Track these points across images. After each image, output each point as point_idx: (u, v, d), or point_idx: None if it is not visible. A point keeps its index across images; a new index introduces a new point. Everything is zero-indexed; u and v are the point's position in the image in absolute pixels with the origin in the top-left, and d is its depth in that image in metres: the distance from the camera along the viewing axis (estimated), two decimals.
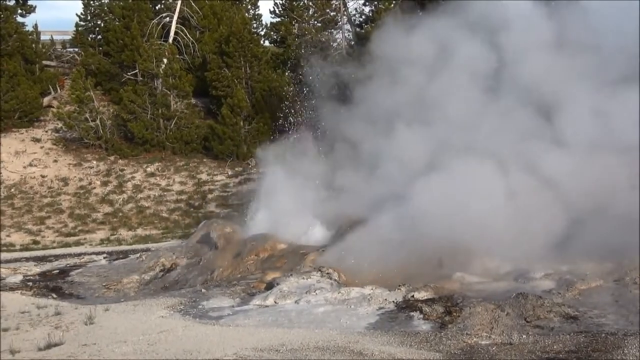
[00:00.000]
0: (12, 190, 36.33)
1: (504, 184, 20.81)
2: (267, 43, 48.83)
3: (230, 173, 38.58)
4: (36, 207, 34.99)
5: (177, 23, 46.08)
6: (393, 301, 17.87)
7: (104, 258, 27.73)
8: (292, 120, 29.71)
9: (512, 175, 21.02)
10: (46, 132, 41.96)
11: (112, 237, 32.07)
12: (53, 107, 43.03)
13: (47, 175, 37.89)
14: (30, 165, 38.46)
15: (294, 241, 23.23)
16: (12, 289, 21.95)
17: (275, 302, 18.54)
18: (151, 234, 32.34)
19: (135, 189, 37.35)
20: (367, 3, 45.25)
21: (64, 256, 28.33)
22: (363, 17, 46.30)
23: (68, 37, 51.22)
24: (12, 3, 46.00)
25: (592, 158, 20.36)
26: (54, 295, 21.64)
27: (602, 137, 20.62)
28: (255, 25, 49.17)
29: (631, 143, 19.80)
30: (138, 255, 26.84)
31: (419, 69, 25.36)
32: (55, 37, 51.39)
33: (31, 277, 24.41)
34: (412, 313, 17.04)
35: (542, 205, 20.29)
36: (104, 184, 37.62)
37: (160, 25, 45.64)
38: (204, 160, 40.63)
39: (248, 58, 41.47)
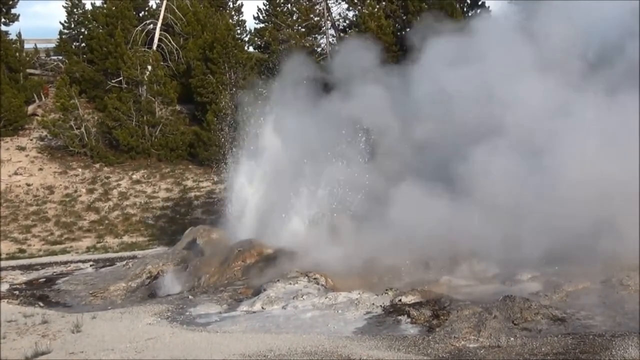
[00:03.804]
0: None
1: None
2: (251, 49, 48.75)
3: (216, 179, 38.53)
4: (22, 215, 34.85)
5: (160, 30, 46.01)
6: (380, 305, 17.90)
7: (91, 266, 27.61)
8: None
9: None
10: (31, 140, 41.81)
11: (98, 245, 31.96)
12: (38, 115, 42.88)
13: (32, 184, 37.77)
14: (16, 173, 38.32)
15: (280, 246, 23.22)
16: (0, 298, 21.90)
17: (262, 308, 18.54)
18: (137, 241, 32.25)
19: (121, 196, 37.27)
20: (350, 8, 45.36)
21: (50, 264, 28.18)
22: (347, 22, 46.43)
23: (52, 45, 51.04)
24: None
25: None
26: (41, 304, 21.54)
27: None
28: (239, 31, 49.13)
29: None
30: (124, 262, 26.76)
31: None
32: (39, 46, 51.17)
33: (17, 286, 24.30)
34: (399, 317, 17.08)
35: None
36: (90, 191, 37.52)
37: (144, 33, 45.55)
38: (190, 166, 40.61)
39: (232, 64, 41.45)
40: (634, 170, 18.97)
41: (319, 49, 45.57)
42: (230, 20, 47.93)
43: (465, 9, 41.15)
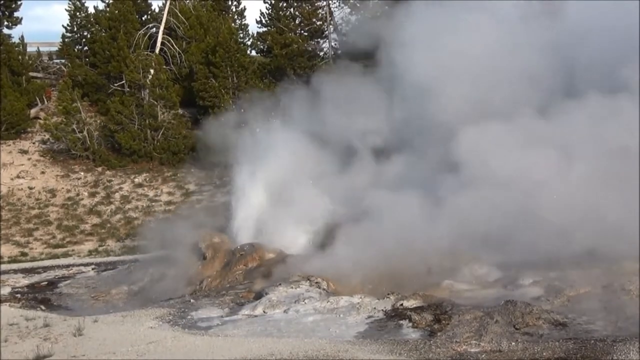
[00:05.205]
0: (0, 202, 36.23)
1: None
2: (253, 53, 48.73)
3: (218, 183, 38.51)
4: (24, 218, 34.85)
5: (163, 33, 45.94)
6: (382, 310, 17.89)
7: (93, 269, 27.64)
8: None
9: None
10: (33, 143, 41.82)
11: (100, 248, 31.93)
12: (40, 118, 42.89)
13: (34, 187, 37.76)
14: (18, 177, 38.32)
15: (282, 250, 23.23)
16: (0, 301, 21.88)
17: (264, 312, 18.55)
18: (139, 245, 32.20)
19: (123, 199, 37.25)
20: (353, 12, 45.29)
21: (52, 268, 28.20)
22: (350, 26, 46.36)
23: (54, 49, 51.10)
24: None
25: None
26: (43, 307, 21.58)
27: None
28: (241, 35, 49.03)
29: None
30: (126, 266, 26.79)
31: None
32: (41, 49, 51.23)
33: (19, 289, 24.34)
34: (401, 321, 17.08)
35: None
36: (92, 195, 37.51)
37: (146, 36, 45.50)
38: (192, 170, 40.53)
39: (235, 68, 41.40)
40: None
41: (321, 53, 45.56)
42: (233, 24, 47.83)
43: None
